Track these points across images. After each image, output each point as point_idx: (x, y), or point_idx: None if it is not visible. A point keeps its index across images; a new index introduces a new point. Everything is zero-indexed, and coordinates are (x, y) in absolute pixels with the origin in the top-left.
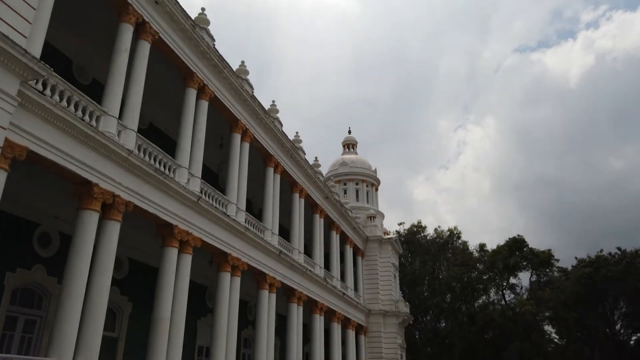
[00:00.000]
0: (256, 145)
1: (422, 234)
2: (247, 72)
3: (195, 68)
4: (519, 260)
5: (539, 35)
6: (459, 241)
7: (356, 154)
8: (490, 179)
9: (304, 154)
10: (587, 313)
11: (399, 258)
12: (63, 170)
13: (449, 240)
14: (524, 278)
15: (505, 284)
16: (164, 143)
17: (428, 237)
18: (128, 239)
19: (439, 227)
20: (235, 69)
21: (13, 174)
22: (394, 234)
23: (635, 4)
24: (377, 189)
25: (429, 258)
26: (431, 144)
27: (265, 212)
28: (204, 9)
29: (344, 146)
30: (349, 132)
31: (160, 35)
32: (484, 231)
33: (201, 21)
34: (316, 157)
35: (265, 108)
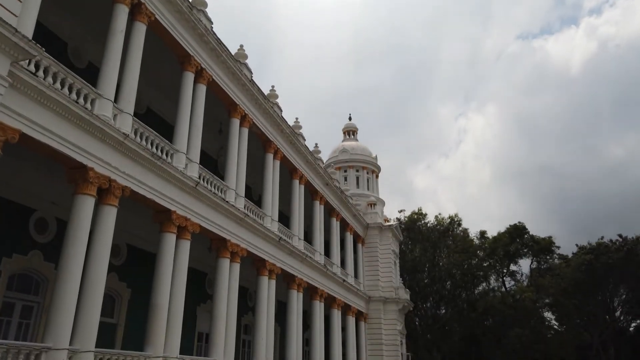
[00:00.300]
0: (255, 130)
1: (423, 222)
2: (246, 56)
3: (192, 51)
4: (520, 247)
5: (542, 21)
6: (460, 228)
7: (357, 140)
8: (490, 167)
9: (304, 140)
10: (587, 300)
11: (400, 245)
12: (57, 154)
13: (450, 228)
14: (524, 265)
15: (505, 271)
16: (162, 128)
17: (428, 225)
18: (127, 225)
19: (439, 215)
20: (233, 53)
21: (7, 159)
22: (394, 221)
23: None
24: (378, 176)
25: (430, 245)
26: (432, 132)
27: (264, 199)
28: None
29: (344, 133)
30: (350, 119)
31: (157, 16)
32: (484, 219)
33: (198, 3)
34: (316, 144)
35: (265, 93)
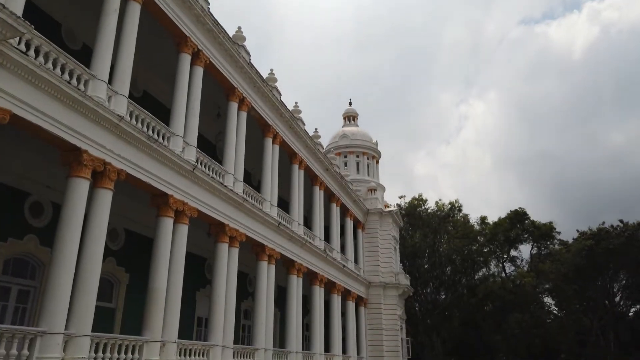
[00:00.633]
0: (254, 114)
1: (423, 207)
2: (244, 39)
3: (189, 32)
4: (520, 233)
5: (544, 6)
6: (460, 214)
7: (357, 126)
8: (491, 153)
9: (304, 124)
10: (587, 285)
11: (400, 231)
12: (50, 136)
13: (450, 213)
14: (525, 251)
15: (505, 257)
16: (159, 112)
17: (429, 210)
18: (124, 210)
19: (439, 201)
20: (231, 35)
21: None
22: (394, 207)
23: None
24: (378, 162)
25: (430, 231)
26: (432, 119)
27: (263, 184)
28: None
29: (344, 118)
30: (350, 104)
31: None
32: (484, 206)
33: None
34: (316, 129)
35: (263, 77)
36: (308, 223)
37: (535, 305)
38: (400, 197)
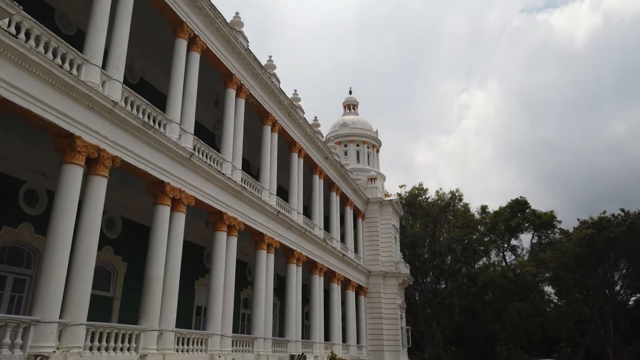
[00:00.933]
0: (252, 102)
1: (424, 197)
2: (242, 24)
3: (185, 17)
4: (521, 222)
5: None
6: (461, 203)
7: (357, 115)
8: (491, 143)
9: (303, 112)
10: (587, 274)
11: (400, 220)
12: (42, 121)
13: (451, 203)
14: (525, 240)
15: (506, 246)
16: (156, 99)
17: (429, 200)
18: (121, 198)
19: (440, 190)
20: (229, 21)
21: None
22: (395, 197)
23: None
24: (379, 151)
25: (430, 220)
26: (433, 109)
27: (262, 172)
28: None
29: (344, 107)
30: (350, 93)
31: None
32: (485, 196)
33: None
34: (315, 117)
35: (262, 64)
36: (308, 212)
37: (535, 294)
38: (401, 187)
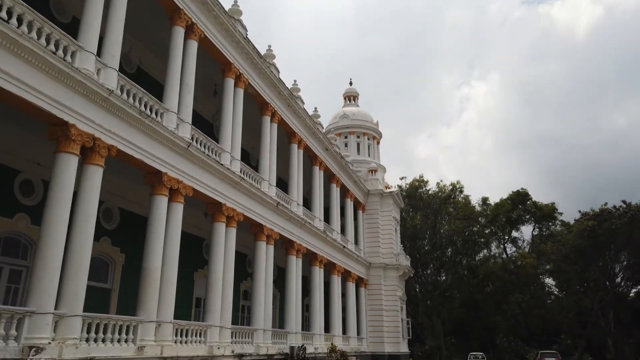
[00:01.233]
0: (251, 92)
1: (424, 189)
2: (240, 13)
3: (181, 4)
4: (522, 214)
5: None
6: (461, 195)
7: (357, 106)
8: (492, 136)
9: (303, 103)
10: (588, 266)
11: (401, 212)
12: (35, 109)
13: (451, 195)
14: (526, 232)
15: (507, 238)
16: (154, 89)
17: (430, 192)
18: (119, 189)
19: (441, 182)
20: (227, 9)
21: None
22: (395, 188)
23: None
24: (379, 143)
25: (431, 212)
26: (434, 101)
27: (261, 163)
28: None
29: (345, 98)
30: (350, 84)
31: None
32: (485, 189)
33: None
34: (315, 108)
35: (261, 53)
36: (308, 204)
37: (536, 286)
38: (401, 179)
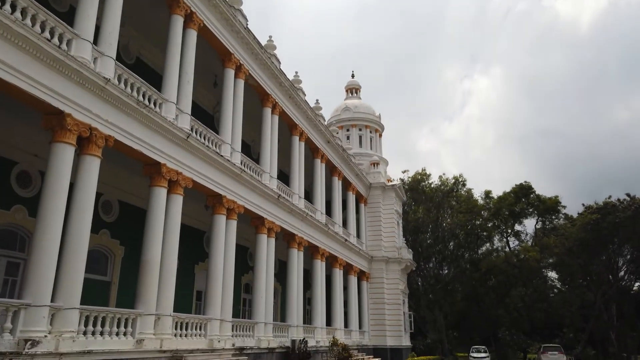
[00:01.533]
0: (252, 83)
1: (427, 182)
2: (241, 2)
3: None
4: (525, 207)
5: None
6: (464, 189)
7: (360, 99)
8: (494, 129)
9: (304, 95)
10: (592, 260)
11: (403, 206)
12: (30, 98)
13: (454, 188)
14: (529, 225)
15: (510, 231)
16: (153, 80)
17: (432, 185)
18: (118, 181)
19: (443, 175)
20: None
21: None
22: (397, 182)
23: None
24: (381, 135)
25: (433, 206)
26: (436, 95)
27: (262, 155)
28: None
29: (346, 91)
30: (352, 76)
31: None
32: (487, 183)
33: None
34: (317, 100)
35: (262, 44)
36: (309, 197)
37: (539, 279)
38: (404, 172)
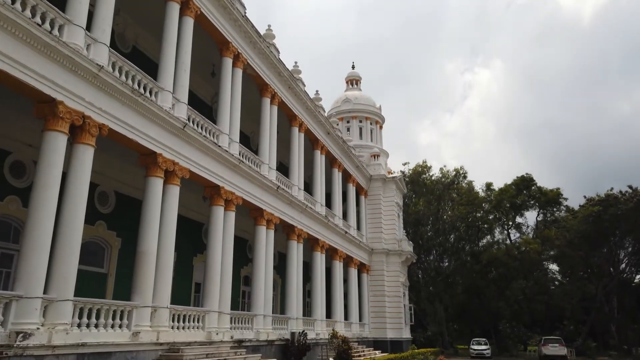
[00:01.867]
0: (250, 72)
1: (427, 174)
2: None
3: None
4: (526, 199)
5: None
6: (465, 181)
7: (360, 90)
8: (495, 122)
9: (304, 85)
10: (593, 252)
11: (403, 198)
12: (21, 84)
13: (455, 180)
14: (530, 217)
15: (511, 224)
16: (150, 69)
17: (433, 178)
18: (114, 172)
19: (444, 167)
20: None
21: None
22: (398, 174)
23: None
24: (382, 127)
25: (434, 198)
26: (437, 88)
27: (261, 145)
28: None
29: (347, 82)
30: (353, 68)
31: None
32: (488, 175)
33: None
34: (317, 91)
35: (261, 33)
36: (309, 189)
37: (540, 272)
38: (404, 164)
